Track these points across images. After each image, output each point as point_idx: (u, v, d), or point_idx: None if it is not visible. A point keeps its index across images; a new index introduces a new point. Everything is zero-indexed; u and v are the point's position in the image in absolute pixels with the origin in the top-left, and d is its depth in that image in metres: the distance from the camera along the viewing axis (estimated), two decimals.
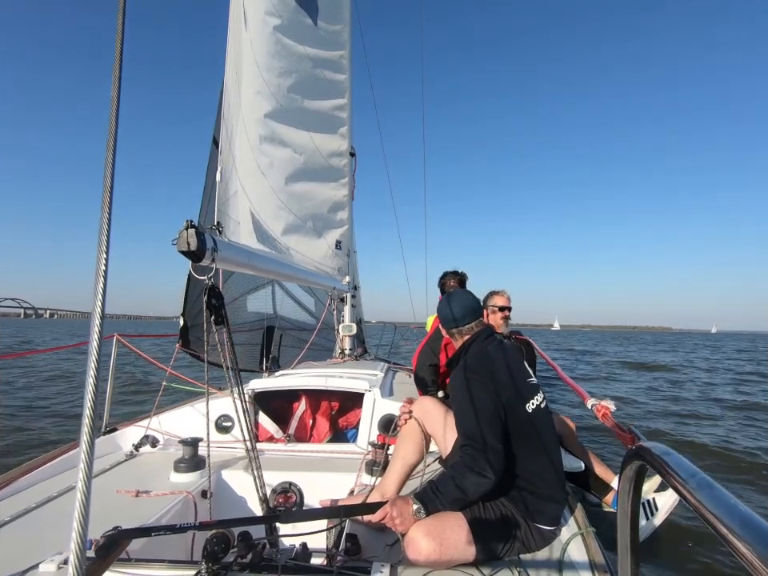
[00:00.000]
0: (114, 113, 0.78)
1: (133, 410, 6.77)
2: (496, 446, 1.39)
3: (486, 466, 1.35)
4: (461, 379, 1.56)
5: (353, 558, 1.35)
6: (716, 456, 5.00)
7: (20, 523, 1.62)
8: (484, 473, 1.35)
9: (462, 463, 1.38)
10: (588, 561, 1.39)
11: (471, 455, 1.37)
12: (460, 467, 1.38)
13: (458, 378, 1.58)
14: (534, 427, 1.53)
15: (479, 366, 1.58)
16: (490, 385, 1.50)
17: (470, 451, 1.38)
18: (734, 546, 0.48)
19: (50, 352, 8.08)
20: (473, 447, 1.38)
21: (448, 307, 1.78)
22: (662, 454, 0.65)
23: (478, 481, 1.36)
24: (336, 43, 3.48)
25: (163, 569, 1.26)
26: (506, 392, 1.51)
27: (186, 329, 3.86)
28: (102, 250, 0.72)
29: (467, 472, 1.36)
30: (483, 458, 1.36)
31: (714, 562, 2.68)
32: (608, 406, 2.10)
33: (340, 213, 3.77)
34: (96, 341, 0.68)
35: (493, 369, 1.56)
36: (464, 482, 1.36)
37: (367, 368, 3.38)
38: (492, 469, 1.35)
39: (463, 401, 1.49)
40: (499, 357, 1.63)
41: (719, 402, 8.88)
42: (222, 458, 2.34)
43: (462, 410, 1.50)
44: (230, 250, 1.69)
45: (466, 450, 1.39)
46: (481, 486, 1.37)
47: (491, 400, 1.47)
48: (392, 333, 6.65)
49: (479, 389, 1.49)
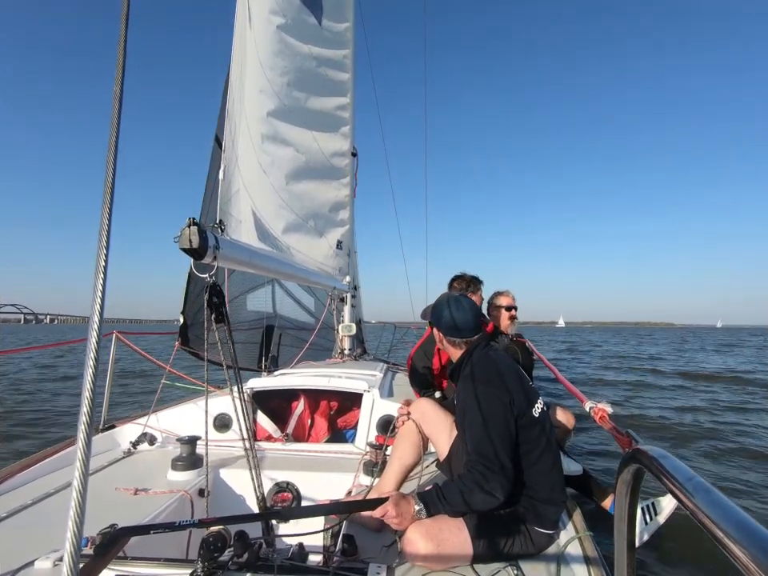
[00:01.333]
0: (115, 113, 0.78)
1: (131, 407, 6.77)
2: (508, 467, 1.38)
3: (498, 488, 1.35)
4: (470, 391, 1.51)
5: (349, 559, 1.35)
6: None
7: (16, 520, 1.62)
8: (494, 493, 1.35)
9: (473, 480, 1.36)
10: (585, 564, 1.39)
11: (483, 474, 1.35)
12: (470, 482, 1.36)
13: (468, 390, 1.53)
14: (539, 431, 1.53)
15: (488, 373, 1.54)
16: (503, 395, 1.47)
17: (482, 470, 1.36)
18: (730, 550, 0.48)
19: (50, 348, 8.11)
20: (485, 466, 1.36)
21: (449, 314, 1.68)
22: (659, 458, 0.65)
23: (487, 500, 1.35)
24: (340, 42, 3.48)
25: (159, 567, 1.26)
26: (517, 397, 1.49)
27: (185, 327, 3.87)
28: (102, 246, 0.72)
29: (476, 489, 1.35)
30: (496, 479, 1.35)
31: (711, 567, 2.68)
32: (605, 408, 2.10)
33: (341, 212, 3.77)
34: (95, 337, 0.68)
35: (502, 376, 1.54)
36: (472, 498, 1.35)
37: (366, 368, 3.38)
38: (502, 490, 1.35)
39: (475, 415, 1.45)
40: (504, 363, 1.63)
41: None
42: (220, 456, 2.34)
43: (473, 424, 1.46)
44: (232, 248, 1.70)
45: (478, 468, 1.37)
46: (487, 504, 1.37)
47: (503, 414, 1.44)
48: (391, 333, 6.65)
49: (492, 402, 1.46)
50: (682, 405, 8.03)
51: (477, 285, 2.93)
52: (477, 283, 2.94)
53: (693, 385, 10.89)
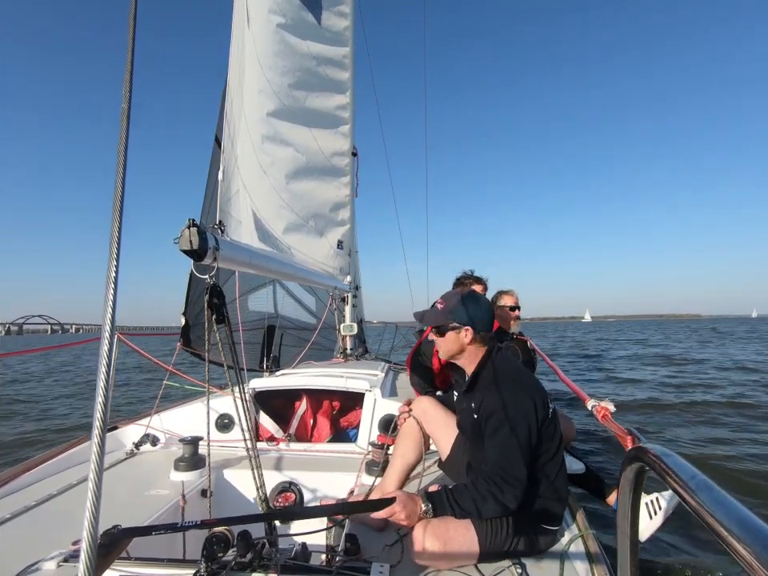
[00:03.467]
0: (124, 118, 0.78)
1: (134, 408, 6.79)
2: (524, 480, 1.37)
3: (512, 499, 1.35)
4: (497, 398, 1.47)
5: (352, 558, 1.35)
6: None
7: (22, 520, 1.62)
8: (508, 504, 1.35)
9: (488, 489, 1.35)
10: (588, 562, 1.39)
11: (499, 486, 1.35)
12: (485, 491, 1.35)
13: (493, 397, 1.48)
14: (553, 431, 1.52)
15: (513, 380, 1.51)
16: (529, 402, 1.44)
17: (499, 481, 1.35)
18: (734, 547, 0.48)
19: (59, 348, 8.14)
20: (503, 478, 1.36)
21: (477, 308, 1.60)
22: (662, 456, 0.65)
23: (499, 510, 1.36)
24: (339, 41, 3.47)
25: (162, 567, 1.26)
26: (539, 400, 1.47)
27: (187, 327, 3.87)
28: (113, 257, 0.73)
29: (490, 499, 1.34)
30: (511, 492, 1.35)
31: (715, 564, 2.68)
32: (608, 407, 2.09)
33: (342, 212, 3.77)
34: (107, 339, 0.69)
35: (525, 381, 1.52)
36: (485, 507, 1.35)
37: (368, 368, 3.38)
38: (516, 501, 1.36)
39: (502, 424, 1.42)
40: (522, 366, 1.62)
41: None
42: (223, 457, 2.34)
43: (498, 433, 1.42)
44: (232, 248, 1.70)
45: (495, 479, 1.36)
46: (499, 513, 1.37)
47: (527, 424, 1.41)
48: (393, 333, 6.66)
49: (518, 411, 1.43)
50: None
51: (468, 282, 2.93)
52: (472, 281, 2.94)
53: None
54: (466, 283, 2.91)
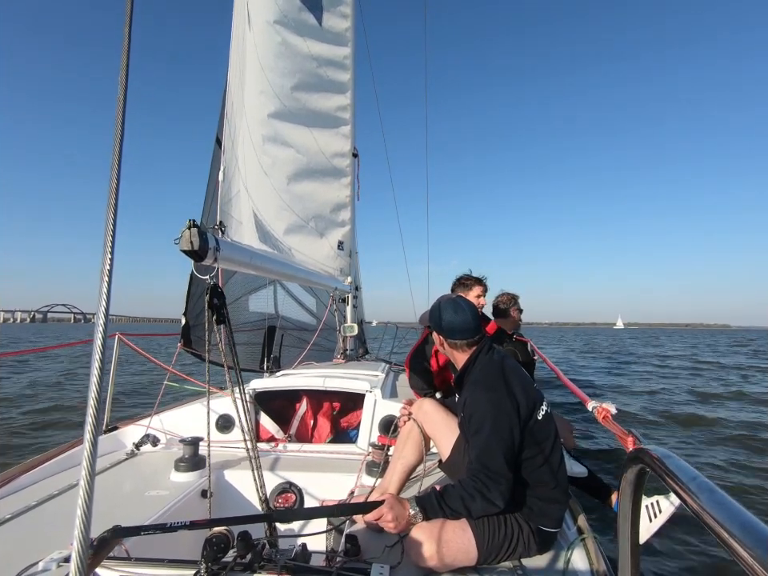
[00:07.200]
0: (119, 114, 0.78)
1: (134, 409, 6.78)
2: (509, 476, 1.39)
3: (498, 496, 1.36)
4: (477, 397, 1.50)
5: (352, 559, 1.35)
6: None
7: (20, 521, 1.62)
8: (495, 501, 1.36)
9: (474, 487, 1.37)
10: (589, 565, 1.38)
11: (485, 483, 1.37)
12: (471, 489, 1.37)
13: (474, 396, 1.52)
14: (543, 434, 1.53)
15: (495, 379, 1.53)
16: (509, 402, 1.46)
17: (484, 478, 1.37)
18: (735, 550, 0.47)
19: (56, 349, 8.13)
20: (487, 475, 1.37)
21: (447, 317, 1.64)
22: (663, 457, 0.65)
23: (486, 507, 1.37)
24: (340, 42, 3.48)
25: (163, 568, 1.26)
26: (523, 402, 1.49)
27: (187, 328, 3.88)
28: (107, 251, 0.73)
29: (477, 497, 1.36)
30: (497, 488, 1.36)
31: (716, 566, 2.67)
32: (609, 408, 2.09)
33: (342, 213, 3.77)
34: (100, 340, 0.69)
35: (508, 381, 1.53)
36: (472, 505, 1.37)
37: (368, 369, 3.38)
38: (502, 498, 1.37)
39: (481, 423, 1.45)
40: (510, 366, 1.62)
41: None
42: (223, 457, 2.34)
43: (479, 432, 1.45)
44: (232, 249, 1.70)
45: (480, 476, 1.38)
46: (486, 511, 1.39)
47: (508, 422, 1.44)
48: (393, 334, 6.66)
49: (498, 410, 1.45)
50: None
51: (469, 283, 2.88)
52: (473, 282, 2.89)
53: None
54: (467, 284, 2.89)
